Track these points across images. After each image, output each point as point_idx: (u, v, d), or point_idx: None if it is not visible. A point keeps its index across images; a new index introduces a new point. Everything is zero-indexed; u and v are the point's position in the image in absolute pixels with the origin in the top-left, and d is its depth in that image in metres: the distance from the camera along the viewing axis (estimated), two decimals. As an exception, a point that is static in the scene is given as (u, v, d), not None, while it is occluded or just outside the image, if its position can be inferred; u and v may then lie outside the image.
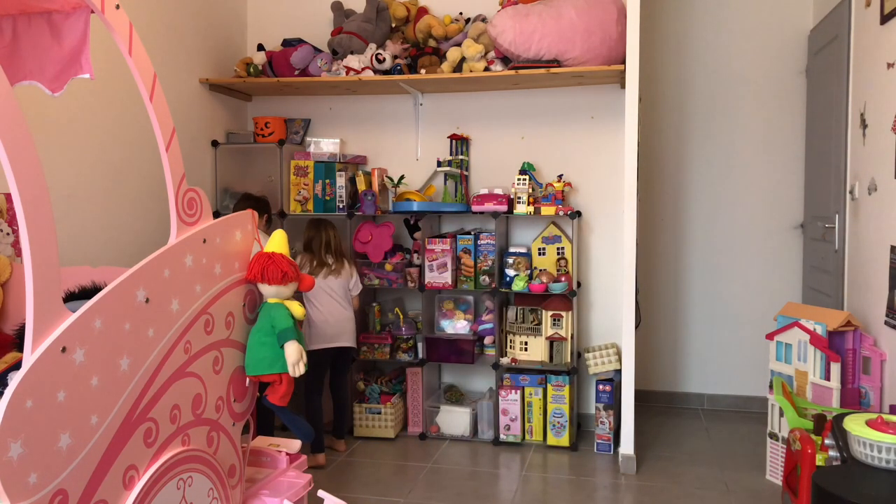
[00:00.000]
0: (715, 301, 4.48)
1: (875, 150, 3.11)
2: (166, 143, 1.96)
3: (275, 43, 4.16)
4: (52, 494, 1.48)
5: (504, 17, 3.62)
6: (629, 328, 3.46)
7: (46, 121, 2.86)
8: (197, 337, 2.00)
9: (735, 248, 4.44)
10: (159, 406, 1.84)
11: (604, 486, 3.31)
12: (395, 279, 3.94)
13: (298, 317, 2.30)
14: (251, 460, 2.44)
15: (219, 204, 4.06)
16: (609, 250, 3.97)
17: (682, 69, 4.45)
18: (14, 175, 1.42)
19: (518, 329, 3.86)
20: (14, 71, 2.09)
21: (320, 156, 4.01)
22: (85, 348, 1.58)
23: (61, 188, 2.94)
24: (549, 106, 4.04)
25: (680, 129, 4.49)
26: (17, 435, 1.39)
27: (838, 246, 3.57)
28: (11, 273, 2.35)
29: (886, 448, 2.06)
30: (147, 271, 1.81)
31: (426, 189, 4.09)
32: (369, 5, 3.99)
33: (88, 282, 2.20)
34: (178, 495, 1.88)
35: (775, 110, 4.34)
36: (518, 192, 3.77)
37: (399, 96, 4.20)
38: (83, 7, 2.04)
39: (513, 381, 3.82)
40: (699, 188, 4.48)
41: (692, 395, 4.54)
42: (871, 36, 3.20)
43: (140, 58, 1.90)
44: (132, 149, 3.32)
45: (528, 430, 3.83)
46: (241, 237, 2.25)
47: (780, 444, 3.23)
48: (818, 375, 3.14)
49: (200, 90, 3.94)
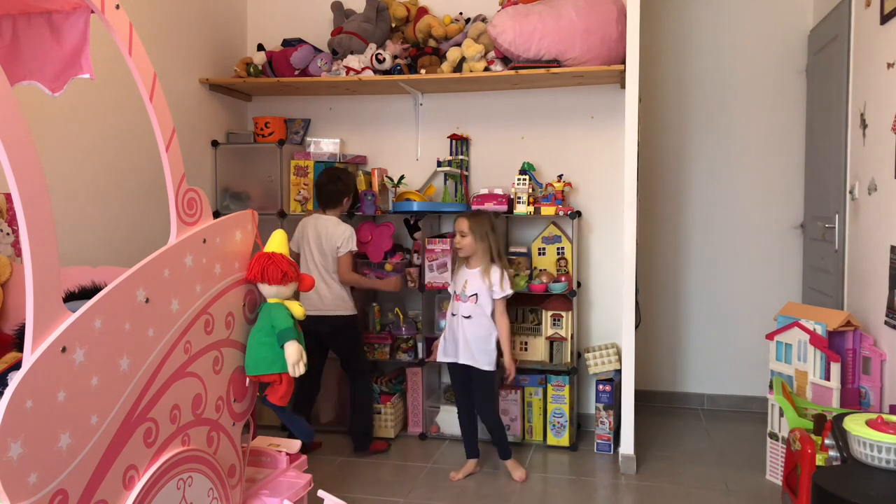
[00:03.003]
0: (715, 301, 4.48)
1: (875, 150, 3.11)
2: (166, 143, 1.96)
3: (275, 43, 4.16)
4: (52, 494, 1.48)
5: (504, 17, 3.62)
6: (629, 328, 3.46)
7: (46, 121, 2.86)
8: (197, 337, 2.00)
9: (735, 248, 4.44)
10: (159, 406, 1.84)
11: (604, 486, 3.31)
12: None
13: (298, 317, 2.30)
14: (251, 460, 2.44)
15: (219, 204, 4.06)
16: (609, 250, 3.97)
17: (682, 69, 4.45)
18: (14, 175, 1.42)
19: (518, 329, 3.86)
20: (14, 71, 2.09)
21: (320, 156, 4.01)
22: (85, 348, 1.58)
23: (61, 188, 2.94)
24: (549, 106, 4.04)
25: (680, 129, 4.49)
26: (17, 435, 1.39)
27: (838, 246, 3.57)
28: (11, 273, 2.35)
29: (886, 448, 2.06)
30: (147, 271, 1.81)
31: (426, 189, 4.09)
32: (369, 5, 3.99)
33: (88, 282, 2.20)
34: (178, 495, 1.88)
35: (775, 110, 4.34)
36: (518, 192, 3.77)
37: (399, 96, 4.20)
38: (83, 7, 2.04)
39: (513, 381, 3.82)
40: (699, 188, 4.48)
41: (692, 395, 4.54)
42: (871, 36, 3.20)
43: (140, 58, 1.90)
44: (132, 149, 3.32)
45: (528, 430, 3.83)
46: (241, 237, 2.25)
47: (780, 444, 3.23)
48: (818, 375, 3.14)
49: (200, 90, 3.94)
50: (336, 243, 3.55)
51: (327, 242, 3.56)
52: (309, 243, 3.59)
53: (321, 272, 3.56)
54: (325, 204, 3.66)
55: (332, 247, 3.56)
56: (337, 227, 3.58)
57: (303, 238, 3.62)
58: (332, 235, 3.56)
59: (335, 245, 3.55)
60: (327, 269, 3.57)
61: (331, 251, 3.56)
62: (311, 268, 3.56)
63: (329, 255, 3.57)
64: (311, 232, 3.59)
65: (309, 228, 3.60)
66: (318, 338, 3.55)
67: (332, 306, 3.57)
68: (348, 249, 3.56)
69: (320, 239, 3.57)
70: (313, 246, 3.58)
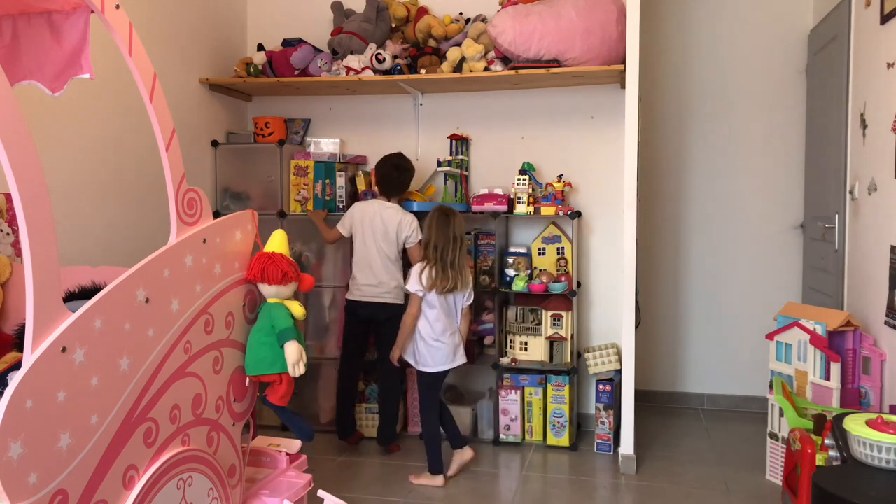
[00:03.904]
0: (715, 301, 4.48)
1: (875, 150, 3.11)
2: (166, 143, 1.96)
3: (275, 43, 4.16)
4: (52, 494, 1.48)
5: (504, 17, 3.62)
6: (629, 328, 3.46)
7: (46, 121, 2.86)
8: (197, 337, 2.00)
9: (735, 248, 4.44)
10: (159, 406, 1.84)
11: (604, 486, 3.31)
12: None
13: (298, 317, 2.30)
14: (251, 460, 2.44)
15: (219, 204, 4.06)
16: (609, 250, 3.97)
17: (682, 69, 4.45)
18: (14, 175, 1.42)
19: (518, 329, 3.86)
20: (14, 71, 2.09)
21: (320, 156, 4.01)
22: (85, 348, 1.58)
23: (61, 188, 2.94)
24: (549, 106, 4.04)
25: (680, 128, 4.49)
26: (17, 435, 1.39)
27: (838, 246, 3.57)
28: (11, 273, 2.35)
29: (886, 448, 2.06)
30: (147, 271, 1.81)
31: (426, 189, 4.09)
32: (369, 5, 3.99)
33: (88, 282, 2.20)
34: (178, 495, 1.88)
35: (775, 110, 4.34)
36: (518, 192, 3.77)
37: (399, 96, 4.20)
38: (83, 7, 2.04)
39: (513, 381, 3.82)
40: (699, 188, 4.48)
41: (692, 395, 4.54)
42: (871, 36, 3.20)
43: (140, 58, 1.90)
44: (132, 149, 3.32)
45: (528, 430, 3.83)
46: (241, 237, 2.25)
47: (780, 444, 3.23)
48: (818, 375, 3.14)
49: (200, 90, 3.94)
50: (406, 233, 3.56)
51: (395, 232, 3.56)
52: (373, 231, 3.58)
53: (384, 260, 3.57)
54: (391, 192, 3.66)
55: (400, 236, 3.56)
56: (405, 217, 3.58)
57: (363, 224, 3.60)
58: (402, 225, 3.56)
59: (405, 235, 3.56)
60: (391, 258, 3.59)
61: (399, 240, 3.57)
62: (374, 255, 3.57)
63: (396, 244, 3.58)
64: (377, 220, 3.58)
65: (374, 216, 3.59)
66: (374, 324, 3.61)
67: (393, 295, 3.60)
68: (418, 240, 3.55)
69: (387, 228, 3.57)
70: (378, 234, 3.57)
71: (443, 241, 3.23)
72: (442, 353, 3.26)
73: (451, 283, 3.22)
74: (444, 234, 3.24)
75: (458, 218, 3.29)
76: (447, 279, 3.22)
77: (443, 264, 3.22)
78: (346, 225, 3.65)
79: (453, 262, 3.23)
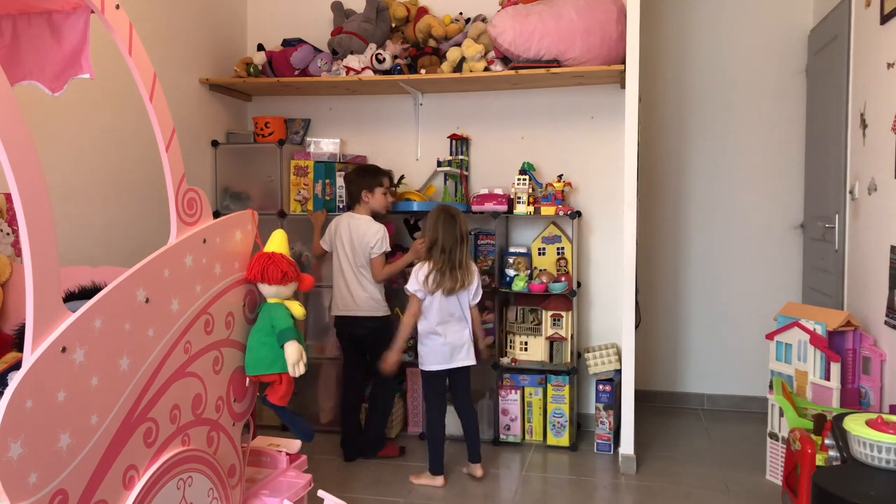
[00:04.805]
0: (715, 301, 4.48)
1: (875, 150, 3.11)
2: (166, 143, 1.96)
3: (275, 43, 4.16)
4: (52, 494, 1.48)
5: (504, 17, 3.62)
6: (629, 328, 3.46)
7: (46, 121, 2.86)
8: (197, 337, 2.00)
9: (735, 248, 4.44)
10: (159, 406, 1.84)
11: (604, 486, 3.31)
12: (395, 279, 3.93)
13: (298, 317, 2.30)
14: (251, 460, 2.44)
15: (219, 204, 4.06)
16: (609, 250, 3.97)
17: (682, 69, 4.45)
18: (14, 175, 1.42)
19: (518, 329, 3.86)
20: (14, 71, 2.09)
21: (320, 156, 4.01)
22: (85, 348, 1.58)
23: (61, 188, 2.94)
24: (549, 106, 4.04)
25: (680, 129, 4.49)
26: (17, 435, 1.39)
27: (838, 246, 3.57)
28: (11, 273, 2.35)
29: (886, 448, 2.06)
30: (147, 271, 1.81)
31: (426, 189, 4.09)
32: (369, 5, 3.99)
33: (88, 282, 2.20)
34: (178, 495, 1.88)
35: (775, 110, 4.34)
36: (518, 192, 3.77)
37: (399, 96, 4.20)
38: (83, 7, 2.04)
39: (513, 381, 3.82)
40: (699, 188, 4.48)
41: (692, 395, 4.54)
42: (871, 36, 3.20)
43: (140, 58, 1.90)
44: (132, 149, 3.32)
45: (528, 430, 3.83)
46: (241, 237, 2.25)
47: (780, 444, 3.23)
48: (818, 375, 3.14)
49: (200, 90, 3.94)
50: (369, 243, 3.49)
51: (360, 243, 3.51)
52: (342, 243, 3.55)
53: (355, 273, 3.53)
54: (351, 202, 3.65)
55: (364, 247, 3.51)
56: (371, 227, 3.52)
57: (336, 237, 3.58)
58: (365, 235, 3.50)
59: (368, 245, 3.50)
60: (361, 270, 3.53)
61: (364, 252, 3.51)
62: (346, 268, 3.53)
63: (363, 255, 3.52)
64: (344, 231, 3.55)
65: (342, 228, 3.56)
66: (356, 341, 3.56)
67: (367, 308, 3.54)
68: (382, 251, 3.50)
69: (353, 239, 3.53)
70: (346, 246, 3.53)
71: (451, 241, 3.21)
72: (439, 352, 3.26)
73: (458, 283, 3.22)
74: (451, 235, 3.21)
75: (463, 217, 3.29)
76: (455, 280, 3.21)
77: (451, 265, 3.21)
78: (326, 240, 3.64)
79: (461, 262, 3.23)
